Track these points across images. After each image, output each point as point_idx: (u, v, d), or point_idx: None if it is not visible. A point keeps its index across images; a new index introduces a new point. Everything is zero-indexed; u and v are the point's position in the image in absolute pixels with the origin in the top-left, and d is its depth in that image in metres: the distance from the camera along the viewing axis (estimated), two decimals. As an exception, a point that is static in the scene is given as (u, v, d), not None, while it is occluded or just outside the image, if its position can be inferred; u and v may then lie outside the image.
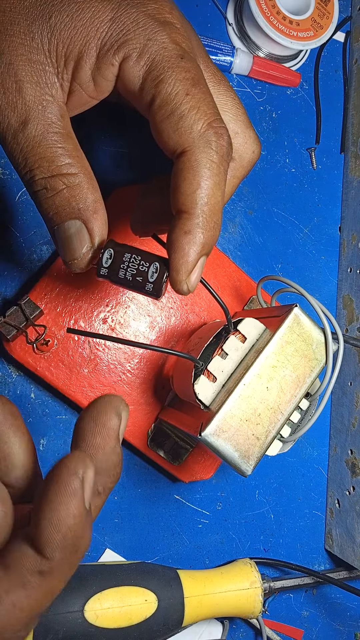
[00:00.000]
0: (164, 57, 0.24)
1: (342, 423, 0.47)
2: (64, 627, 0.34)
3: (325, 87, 0.51)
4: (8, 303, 0.40)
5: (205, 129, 0.24)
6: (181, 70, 0.24)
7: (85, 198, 0.25)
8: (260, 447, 0.29)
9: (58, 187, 0.25)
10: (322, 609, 0.47)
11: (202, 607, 0.39)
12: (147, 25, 0.24)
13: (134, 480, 0.42)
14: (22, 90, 0.24)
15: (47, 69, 0.24)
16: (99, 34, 0.24)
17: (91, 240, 0.26)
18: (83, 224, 0.26)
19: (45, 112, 0.24)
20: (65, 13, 0.24)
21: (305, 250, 0.49)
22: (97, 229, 0.26)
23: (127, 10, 0.24)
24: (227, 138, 0.25)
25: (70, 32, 0.24)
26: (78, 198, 0.25)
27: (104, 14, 0.24)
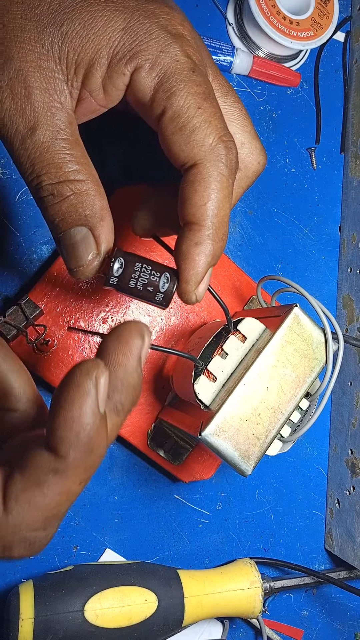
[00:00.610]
0: (176, 69, 0.24)
1: (342, 423, 0.47)
2: (64, 626, 0.34)
3: (325, 87, 0.51)
4: (8, 303, 0.40)
5: (216, 143, 0.25)
6: (193, 83, 0.24)
7: (93, 205, 0.25)
8: (260, 447, 0.29)
9: (65, 193, 0.25)
10: (322, 609, 0.47)
11: (202, 607, 0.39)
12: (159, 37, 0.24)
13: (134, 480, 0.42)
14: (31, 96, 0.24)
15: (56, 76, 0.24)
16: (111, 42, 0.24)
17: (97, 248, 0.26)
18: (89, 231, 0.25)
19: (53, 119, 0.24)
20: (78, 21, 0.24)
21: (305, 250, 0.49)
22: (104, 236, 0.26)
23: (140, 21, 0.24)
24: (236, 152, 0.25)
25: (82, 39, 0.24)
26: (85, 205, 0.25)
27: (116, 23, 0.24)
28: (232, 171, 0.25)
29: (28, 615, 0.34)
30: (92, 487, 0.41)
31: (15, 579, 0.39)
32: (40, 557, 0.40)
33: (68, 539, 0.41)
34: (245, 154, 0.29)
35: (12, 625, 0.34)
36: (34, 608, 0.34)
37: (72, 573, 0.37)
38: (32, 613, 0.34)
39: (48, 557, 0.40)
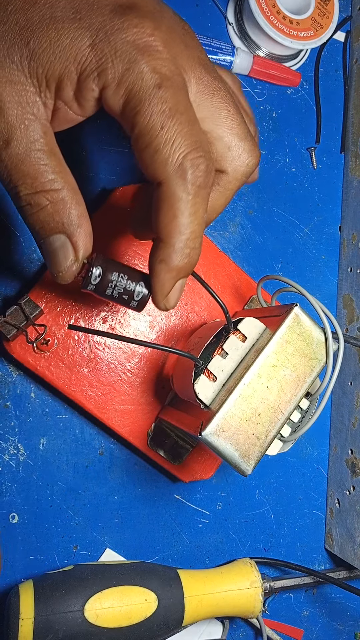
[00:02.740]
0: (141, 87, 0.24)
1: (342, 423, 0.47)
2: (64, 626, 0.34)
3: (326, 87, 0.51)
4: (8, 302, 0.40)
5: (180, 162, 0.25)
6: (158, 101, 0.24)
7: (69, 213, 0.26)
8: (260, 447, 0.29)
9: (42, 203, 0.25)
10: (322, 609, 0.47)
11: (202, 607, 0.39)
12: (125, 55, 0.24)
13: (134, 479, 0.42)
14: (4, 110, 0.24)
15: (28, 89, 0.24)
16: (78, 59, 0.24)
17: (75, 254, 0.27)
18: (67, 238, 0.26)
19: (27, 131, 0.25)
20: (45, 38, 0.24)
21: (305, 249, 0.49)
22: (81, 242, 0.26)
23: (106, 38, 0.24)
24: (205, 166, 0.25)
25: (50, 56, 0.24)
26: (62, 213, 0.26)
27: (82, 41, 0.24)
28: (199, 187, 0.25)
29: (28, 615, 0.34)
30: (92, 487, 0.41)
31: (15, 579, 0.39)
32: (40, 556, 0.40)
33: (68, 539, 0.41)
34: (232, 157, 0.29)
35: (12, 625, 0.34)
36: (33, 608, 0.34)
37: (72, 573, 0.37)
38: (32, 613, 0.34)
39: (48, 556, 0.40)
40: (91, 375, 0.38)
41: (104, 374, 0.38)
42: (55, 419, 0.40)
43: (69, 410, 0.41)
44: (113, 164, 0.43)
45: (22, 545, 0.40)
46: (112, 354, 0.38)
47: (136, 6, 0.25)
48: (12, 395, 0.40)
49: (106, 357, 0.38)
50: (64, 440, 0.41)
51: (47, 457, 0.40)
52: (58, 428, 0.40)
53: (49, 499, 0.40)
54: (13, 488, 0.39)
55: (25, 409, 0.40)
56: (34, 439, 0.40)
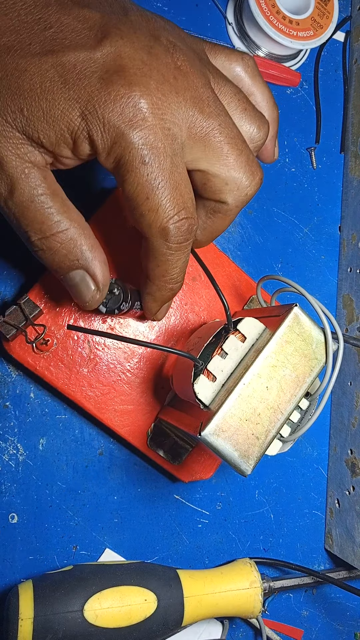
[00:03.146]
0: (127, 161, 0.26)
1: (342, 423, 0.47)
2: (64, 626, 0.34)
3: (325, 87, 0.51)
4: (7, 302, 0.40)
5: (164, 226, 0.27)
6: (143, 174, 0.26)
7: (81, 249, 0.28)
8: (260, 447, 0.29)
9: (53, 247, 0.27)
10: (322, 609, 0.47)
11: (201, 607, 0.39)
12: (112, 128, 0.25)
13: (133, 480, 0.42)
14: (3, 164, 0.26)
15: (23, 143, 0.26)
16: (71, 128, 0.25)
17: (96, 285, 0.29)
18: (85, 272, 0.29)
19: (28, 179, 0.26)
20: (37, 108, 0.25)
21: (305, 249, 0.49)
22: (99, 272, 0.29)
23: (95, 111, 0.25)
24: (187, 227, 0.28)
25: (44, 125, 0.25)
26: (74, 251, 0.28)
27: (72, 112, 0.25)
28: (180, 244, 0.28)
29: (27, 615, 0.34)
30: (91, 487, 0.41)
31: (14, 579, 0.39)
32: (39, 556, 0.40)
33: (67, 539, 0.41)
34: (230, 189, 0.30)
35: (12, 625, 0.34)
36: (33, 608, 0.34)
37: (72, 573, 0.37)
38: (32, 613, 0.34)
39: (47, 557, 0.40)
40: (91, 375, 0.38)
41: (103, 374, 0.38)
42: (54, 419, 0.40)
43: (69, 411, 0.41)
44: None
45: (22, 546, 0.40)
46: (111, 354, 0.38)
47: (123, 70, 0.25)
48: (12, 395, 0.40)
49: (106, 357, 0.38)
50: (63, 440, 0.41)
51: (47, 457, 0.40)
52: (57, 428, 0.40)
53: (48, 499, 0.40)
54: (12, 488, 0.39)
55: (25, 409, 0.40)
56: (34, 439, 0.40)
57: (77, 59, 0.25)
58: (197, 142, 0.28)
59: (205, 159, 0.28)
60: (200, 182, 0.29)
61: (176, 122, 0.27)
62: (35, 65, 0.25)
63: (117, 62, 0.25)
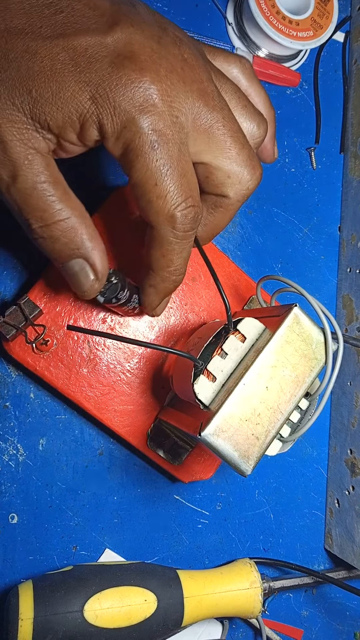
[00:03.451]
0: (137, 145, 0.26)
1: (341, 423, 0.47)
2: (64, 627, 0.34)
3: (325, 87, 0.51)
4: (7, 303, 0.40)
5: (171, 214, 0.27)
6: (152, 160, 0.26)
7: (81, 238, 0.28)
8: (259, 447, 0.29)
9: (54, 234, 0.27)
10: (322, 609, 0.47)
11: (201, 607, 0.39)
12: (123, 112, 0.25)
13: (133, 480, 0.42)
14: (7, 149, 0.25)
15: (29, 127, 0.26)
16: (79, 110, 0.25)
17: (95, 274, 0.29)
18: (84, 261, 0.29)
19: (32, 166, 0.26)
20: (46, 89, 0.25)
21: (305, 250, 0.49)
22: (98, 261, 0.29)
23: (105, 94, 0.25)
24: (193, 215, 0.28)
25: (52, 107, 0.25)
26: (74, 239, 0.28)
27: (82, 94, 0.25)
28: (186, 233, 0.28)
29: (27, 616, 0.34)
30: (91, 487, 0.41)
31: (14, 579, 0.39)
32: (39, 557, 0.40)
33: (67, 539, 0.41)
34: (232, 183, 0.30)
35: (12, 626, 0.34)
36: (33, 608, 0.34)
37: (72, 573, 0.37)
38: (32, 613, 0.34)
39: (47, 557, 0.40)
40: (90, 375, 0.38)
41: (103, 375, 0.38)
42: (54, 419, 0.40)
43: (69, 411, 0.41)
44: (113, 164, 0.43)
45: (22, 546, 0.40)
46: (111, 354, 0.38)
47: (134, 55, 0.25)
48: (12, 396, 0.40)
49: (105, 358, 0.38)
50: (63, 440, 0.41)
51: (47, 457, 0.40)
52: (57, 428, 0.40)
53: (48, 500, 0.40)
54: (12, 488, 0.39)
55: (25, 410, 0.40)
56: (34, 439, 0.40)
57: (89, 43, 0.25)
58: (201, 133, 0.28)
59: (209, 151, 0.29)
60: (203, 175, 0.29)
61: (183, 112, 0.27)
62: (45, 48, 0.25)
63: (127, 48, 0.25)
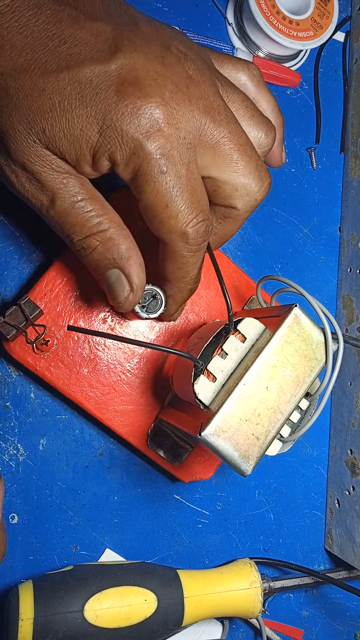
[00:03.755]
0: (145, 171, 0.27)
1: (341, 423, 0.47)
2: (64, 627, 0.34)
3: (325, 87, 0.51)
4: (8, 303, 0.40)
5: (182, 232, 0.28)
6: (161, 183, 0.27)
7: (119, 249, 0.29)
8: (260, 447, 0.29)
9: (93, 245, 0.29)
10: (322, 609, 0.47)
11: (201, 607, 0.39)
12: (130, 140, 0.26)
13: (133, 480, 0.42)
14: (41, 179, 0.27)
15: (52, 157, 0.27)
16: (90, 143, 0.26)
17: (130, 285, 0.30)
18: (121, 272, 0.30)
19: (67, 188, 0.28)
20: (58, 127, 0.26)
21: (305, 250, 0.49)
22: (134, 273, 0.30)
23: (112, 125, 0.26)
24: (205, 229, 0.29)
25: (65, 144, 0.27)
26: (112, 250, 0.29)
27: (91, 129, 0.26)
28: (198, 247, 0.29)
29: (27, 616, 0.34)
30: (91, 487, 0.41)
31: (14, 579, 0.39)
32: (39, 557, 0.40)
33: (68, 539, 0.41)
34: (240, 195, 0.30)
35: (12, 626, 0.34)
36: (33, 608, 0.34)
37: (72, 573, 0.37)
38: (32, 613, 0.34)
39: (47, 557, 0.40)
40: (91, 375, 0.38)
41: (103, 375, 0.38)
42: (54, 419, 0.40)
43: (69, 411, 0.41)
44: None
45: (22, 546, 0.40)
46: (111, 355, 0.38)
47: (138, 81, 0.26)
48: (12, 396, 0.40)
49: (106, 358, 0.38)
50: (63, 440, 0.41)
51: (47, 457, 0.40)
52: (58, 428, 0.40)
53: (48, 499, 0.40)
54: (13, 488, 0.39)
55: (25, 410, 0.40)
56: (34, 439, 0.40)
57: (93, 72, 0.26)
58: (208, 149, 0.29)
59: (216, 166, 0.29)
60: (211, 188, 0.30)
61: (190, 131, 0.28)
62: (52, 84, 0.26)
63: (131, 74, 0.26)
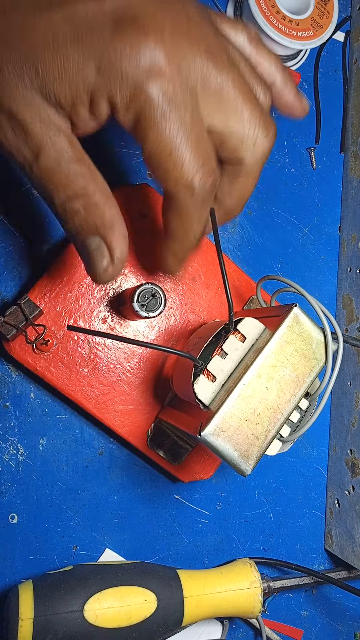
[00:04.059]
0: (147, 115, 0.25)
1: (341, 423, 0.47)
2: (64, 627, 0.34)
3: (325, 87, 0.51)
4: (8, 303, 0.40)
5: (188, 182, 0.27)
6: (164, 129, 0.25)
7: (102, 216, 0.27)
8: (259, 447, 0.29)
9: (75, 208, 0.27)
10: (322, 609, 0.47)
11: (201, 607, 0.39)
12: (130, 80, 0.24)
13: (133, 480, 0.42)
14: (28, 130, 0.25)
15: (45, 106, 0.25)
16: (87, 84, 0.25)
17: (110, 255, 0.28)
18: (102, 240, 0.27)
19: (54, 145, 0.25)
20: (52, 64, 0.24)
21: (305, 250, 0.49)
22: (116, 243, 0.28)
23: (111, 64, 0.24)
24: (212, 182, 0.27)
25: (60, 84, 0.25)
26: (95, 216, 0.27)
27: (88, 68, 0.24)
28: (204, 199, 0.28)
29: (27, 615, 0.34)
30: (91, 487, 0.41)
31: (14, 579, 0.39)
32: (39, 557, 0.40)
33: (67, 539, 0.41)
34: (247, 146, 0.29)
35: (12, 625, 0.34)
36: (33, 608, 0.34)
37: (72, 573, 0.37)
38: (32, 613, 0.34)
39: (47, 557, 0.40)
40: (91, 375, 0.38)
41: (103, 374, 0.38)
42: (54, 419, 0.40)
43: (69, 411, 0.41)
44: (113, 164, 0.43)
45: (22, 546, 0.40)
46: (111, 354, 0.38)
47: (135, 19, 0.25)
48: (12, 396, 0.40)
49: (106, 358, 0.38)
50: (63, 440, 0.41)
51: (47, 457, 0.40)
52: (57, 428, 0.40)
53: (48, 499, 0.40)
54: (13, 488, 0.39)
55: (25, 409, 0.40)
56: (34, 439, 0.40)
57: (88, 10, 0.24)
58: (211, 96, 0.27)
59: (220, 114, 0.28)
60: (217, 142, 0.28)
61: (192, 74, 0.26)
62: (45, 21, 0.24)
63: (128, 12, 0.24)
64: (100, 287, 0.38)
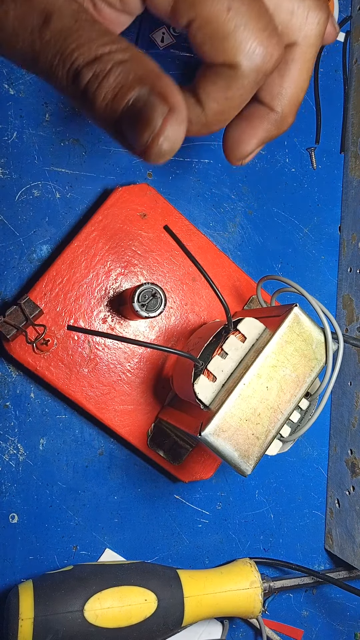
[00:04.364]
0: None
1: (341, 423, 0.47)
2: (64, 627, 0.34)
3: (325, 87, 0.51)
4: (8, 302, 0.40)
5: (253, 51, 0.22)
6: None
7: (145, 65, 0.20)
8: (260, 447, 0.29)
9: (107, 67, 0.20)
10: (322, 609, 0.47)
11: (201, 607, 0.39)
12: None
13: (133, 480, 0.42)
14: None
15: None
16: None
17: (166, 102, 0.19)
18: (150, 91, 0.20)
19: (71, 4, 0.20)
20: None
21: (305, 250, 0.49)
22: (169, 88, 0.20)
23: None
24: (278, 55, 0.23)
25: None
26: (136, 68, 0.20)
27: None
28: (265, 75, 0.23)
29: (27, 615, 0.34)
30: (91, 487, 0.41)
31: (14, 579, 0.39)
32: (39, 556, 0.40)
33: (68, 539, 0.41)
34: (300, 23, 0.25)
35: (12, 625, 0.34)
36: (33, 608, 0.34)
37: (72, 573, 0.37)
38: (32, 613, 0.34)
39: (47, 557, 0.40)
40: (91, 375, 0.38)
41: (103, 374, 0.38)
42: (54, 419, 0.40)
43: (69, 411, 0.41)
44: (113, 164, 0.43)
45: (22, 546, 0.40)
46: (111, 354, 0.38)
47: None
48: (12, 396, 0.40)
49: (106, 357, 0.38)
50: (63, 440, 0.41)
51: (47, 457, 0.40)
52: (58, 428, 0.40)
53: (48, 499, 0.40)
54: (13, 488, 0.39)
55: (25, 409, 0.40)
56: (34, 439, 0.40)
57: None
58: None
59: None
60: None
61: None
62: None
63: None
64: (100, 287, 0.38)
